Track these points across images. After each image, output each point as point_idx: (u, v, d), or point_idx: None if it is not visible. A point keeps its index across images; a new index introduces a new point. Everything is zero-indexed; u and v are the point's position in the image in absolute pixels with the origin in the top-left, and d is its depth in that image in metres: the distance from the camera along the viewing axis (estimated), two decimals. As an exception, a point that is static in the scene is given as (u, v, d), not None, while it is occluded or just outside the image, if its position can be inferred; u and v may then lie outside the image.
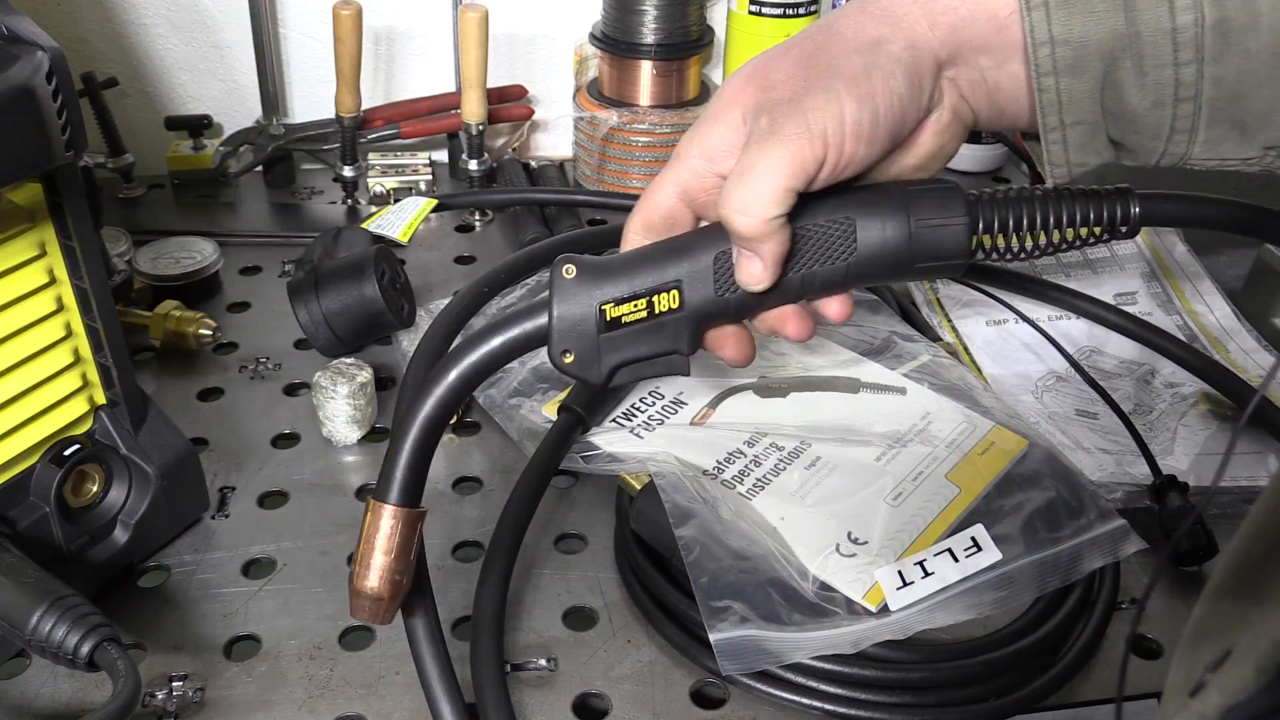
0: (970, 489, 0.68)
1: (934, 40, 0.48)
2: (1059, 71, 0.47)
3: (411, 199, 0.97)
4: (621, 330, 0.50)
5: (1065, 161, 0.49)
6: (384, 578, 0.50)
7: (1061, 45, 0.46)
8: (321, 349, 0.81)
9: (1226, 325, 0.89)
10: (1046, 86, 0.47)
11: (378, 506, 0.50)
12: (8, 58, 0.51)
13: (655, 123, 1.05)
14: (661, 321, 0.50)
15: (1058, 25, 0.46)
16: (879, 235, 0.49)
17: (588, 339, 0.50)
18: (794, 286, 0.50)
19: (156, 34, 1.08)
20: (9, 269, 0.56)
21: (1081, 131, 0.48)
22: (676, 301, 0.50)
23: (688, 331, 0.50)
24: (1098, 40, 0.46)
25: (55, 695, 0.58)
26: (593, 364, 0.50)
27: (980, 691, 0.58)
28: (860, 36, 0.48)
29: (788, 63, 0.49)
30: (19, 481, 0.59)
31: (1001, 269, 0.91)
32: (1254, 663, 0.30)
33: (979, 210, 0.50)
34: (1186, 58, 0.46)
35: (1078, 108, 0.48)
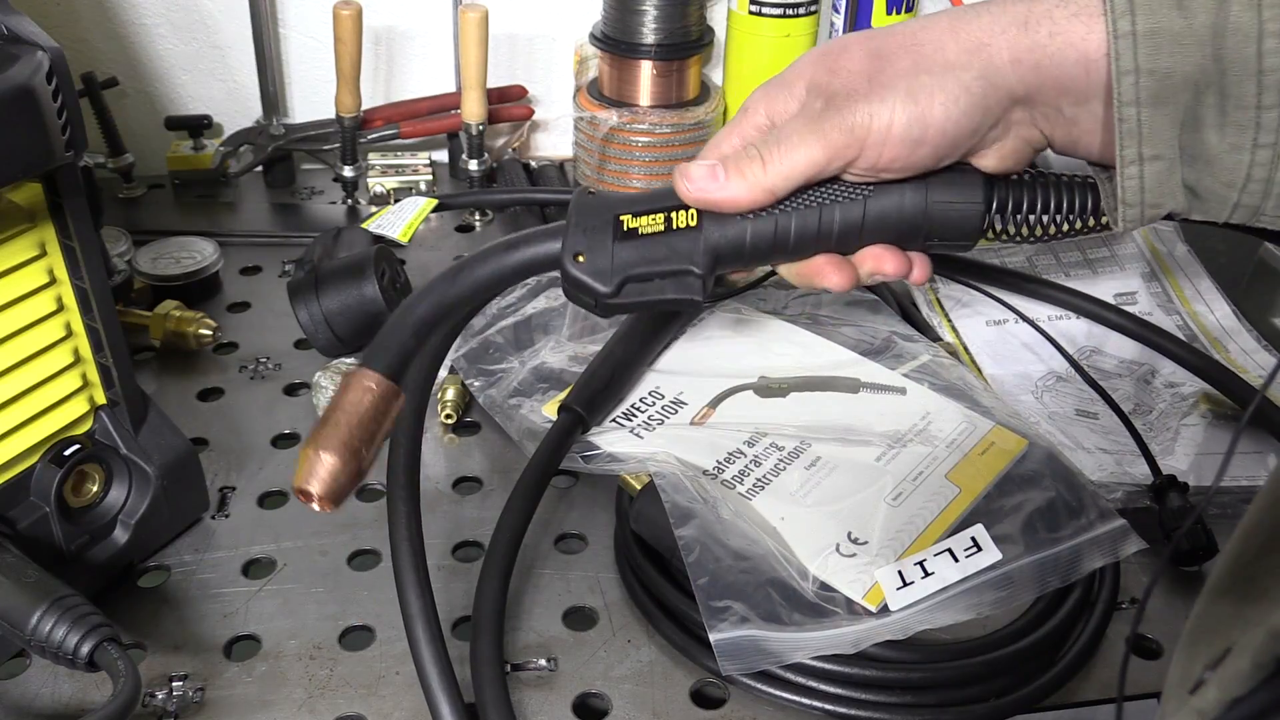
0: (970, 489, 0.68)
1: (1012, 76, 0.48)
2: (1141, 102, 0.46)
3: (411, 199, 0.97)
4: (636, 241, 0.49)
5: (1140, 201, 0.48)
6: (343, 444, 0.45)
7: (1146, 75, 0.45)
8: (321, 349, 0.81)
9: (1226, 325, 0.89)
10: (1128, 116, 0.46)
11: (356, 371, 0.46)
12: (8, 58, 0.51)
13: (655, 123, 1.05)
14: (678, 236, 0.49)
15: (1144, 55, 0.45)
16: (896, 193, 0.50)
17: (601, 244, 0.49)
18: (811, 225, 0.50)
19: (156, 34, 1.08)
20: (9, 269, 0.56)
21: (1159, 168, 0.47)
22: (695, 220, 0.49)
23: (703, 251, 0.49)
24: (1183, 74, 0.45)
25: (55, 695, 0.58)
26: (604, 270, 0.49)
27: (980, 691, 0.59)
28: (937, 56, 0.48)
29: (861, 54, 0.49)
30: (19, 481, 0.59)
31: (1002, 269, 0.91)
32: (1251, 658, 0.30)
33: (994, 191, 0.50)
34: (1270, 101, 0.45)
35: (1158, 140, 0.47)
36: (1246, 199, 0.47)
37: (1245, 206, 0.47)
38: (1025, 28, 0.47)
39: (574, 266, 0.49)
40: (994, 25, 0.48)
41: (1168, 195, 0.48)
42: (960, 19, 0.49)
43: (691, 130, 1.05)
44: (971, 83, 0.47)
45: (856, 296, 0.87)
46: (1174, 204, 0.48)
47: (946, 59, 0.48)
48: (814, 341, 0.81)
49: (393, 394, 0.47)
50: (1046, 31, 0.47)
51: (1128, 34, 0.45)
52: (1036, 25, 0.47)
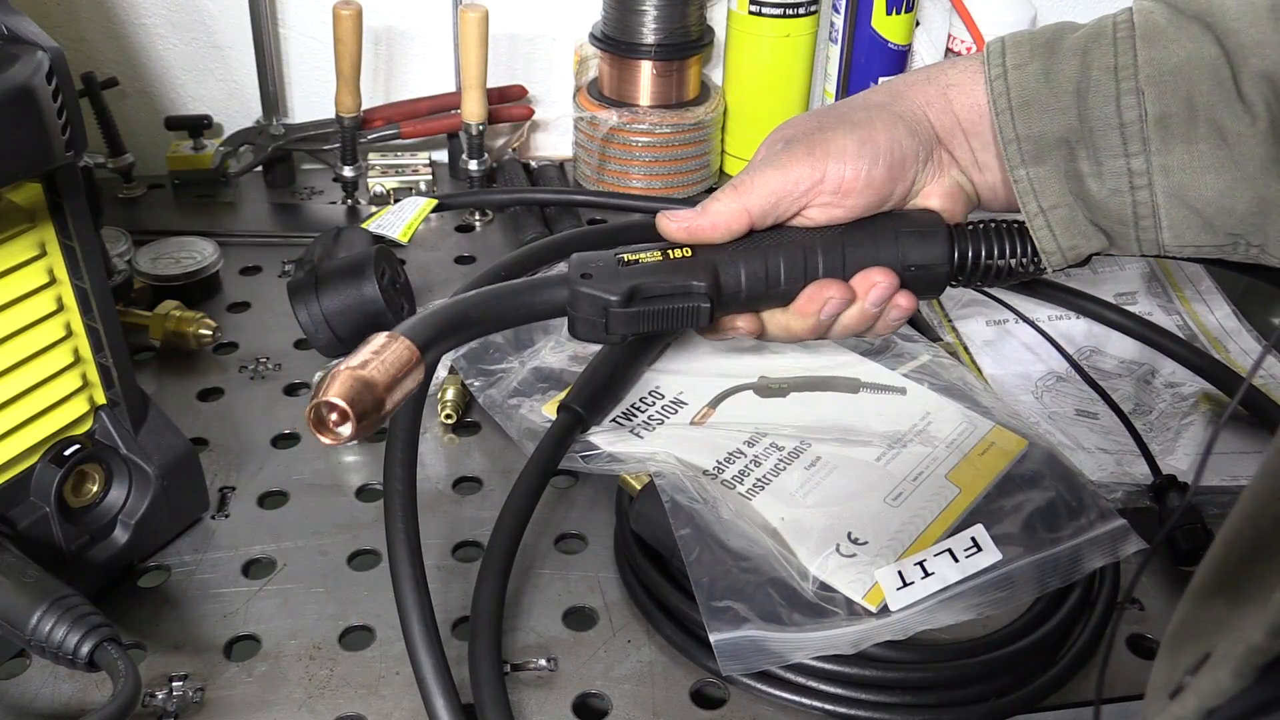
0: (970, 489, 0.68)
1: (932, 117, 0.57)
2: (1026, 162, 0.54)
3: (411, 199, 0.97)
4: (639, 266, 0.54)
5: (1057, 247, 0.55)
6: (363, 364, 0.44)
7: (1025, 140, 0.54)
8: (321, 349, 0.81)
9: (1226, 325, 0.89)
10: (1020, 178, 0.54)
11: (388, 333, 0.46)
12: (8, 58, 0.51)
13: (655, 123, 1.05)
14: (677, 263, 0.54)
15: (1020, 124, 0.54)
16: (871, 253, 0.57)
17: (607, 267, 0.53)
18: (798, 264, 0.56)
19: (156, 34, 1.08)
20: (9, 269, 0.56)
21: (1061, 214, 0.55)
22: (689, 252, 0.55)
23: (705, 272, 0.54)
24: (1054, 134, 0.53)
25: (55, 695, 0.58)
26: (612, 281, 0.52)
27: (980, 691, 0.59)
28: (869, 101, 0.58)
29: (807, 117, 0.58)
30: (19, 481, 0.59)
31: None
32: (1231, 667, 0.31)
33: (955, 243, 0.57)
34: (1135, 149, 0.52)
35: (1050, 192, 0.54)
36: (1144, 235, 0.54)
37: (1147, 241, 0.54)
38: (929, 82, 0.57)
39: (582, 284, 0.52)
40: (906, 81, 0.58)
41: (1080, 236, 0.55)
42: (881, 85, 0.60)
43: (691, 130, 1.05)
44: (904, 111, 0.56)
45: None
46: (1091, 245, 0.55)
47: (878, 103, 0.57)
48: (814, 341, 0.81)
49: (418, 358, 0.46)
50: (944, 84, 0.57)
51: (1005, 109, 0.54)
52: (937, 79, 0.57)
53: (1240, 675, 0.31)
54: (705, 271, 0.54)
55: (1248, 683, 0.30)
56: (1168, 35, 0.52)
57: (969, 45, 1.07)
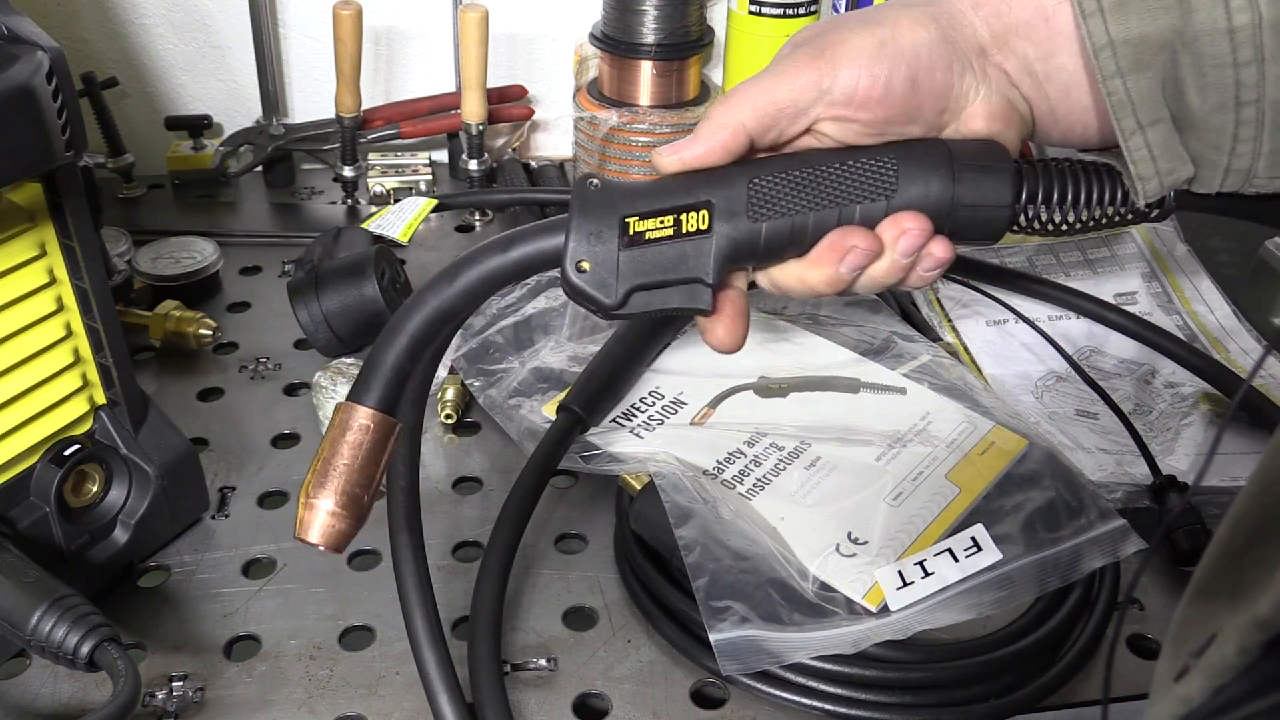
0: (970, 489, 0.68)
1: (977, 21, 0.48)
2: (1123, 71, 0.46)
3: (411, 199, 0.97)
4: (643, 248, 0.46)
5: (1154, 172, 0.47)
6: (342, 490, 0.43)
7: (1122, 45, 0.45)
8: (321, 349, 0.81)
9: (1226, 325, 0.89)
10: (1114, 89, 0.46)
11: (349, 407, 0.44)
12: (8, 58, 0.51)
13: (655, 123, 1.05)
14: (687, 243, 0.47)
15: (1115, 27, 0.45)
16: (922, 181, 0.47)
17: (606, 252, 0.46)
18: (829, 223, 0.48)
19: (156, 34, 1.08)
20: (9, 269, 0.56)
21: (1161, 131, 0.47)
22: (705, 222, 0.47)
23: (714, 260, 0.47)
24: (1157, 36, 0.45)
25: (55, 695, 0.58)
26: (608, 281, 0.46)
27: (980, 691, 0.58)
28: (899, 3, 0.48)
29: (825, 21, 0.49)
30: (19, 481, 0.59)
31: (1002, 268, 0.91)
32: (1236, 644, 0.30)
33: (1024, 181, 0.48)
34: (1246, 57, 0.45)
35: (1151, 105, 0.46)
36: (1236, 162, 0.47)
37: (1236, 171, 0.47)
38: None
39: (577, 276, 0.46)
40: None
41: (1178, 159, 0.47)
42: None
43: (691, 130, 1.05)
44: (938, 14, 0.47)
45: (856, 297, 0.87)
46: (1185, 169, 0.47)
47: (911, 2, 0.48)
48: (814, 341, 0.81)
49: (389, 427, 0.45)
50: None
51: (1095, 12, 0.45)
52: None
53: (1245, 650, 0.30)
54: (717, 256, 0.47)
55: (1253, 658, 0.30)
56: None
57: (969, 45, 1.07)
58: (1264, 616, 0.29)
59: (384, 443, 0.45)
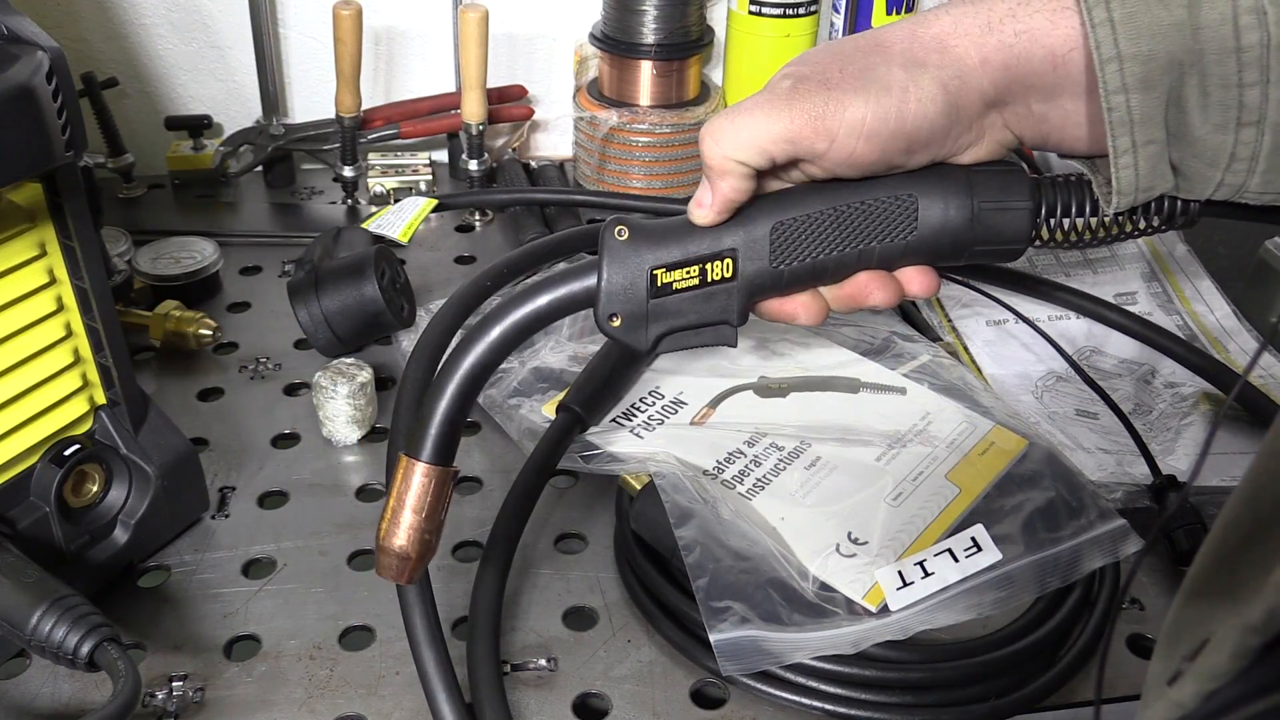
0: (970, 489, 0.68)
1: (984, 79, 0.48)
2: (1129, 88, 0.45)
3: (411, 199, 0.97)
4: (671, 297, 0.49)
5: (1134, 187, 0.48)
6: (413, 536, 0.49)
7: (1130, 60, 0.45)
8: (321, 349, 0.81)
9: (1226, 325, 0.89)
10: (1117, 105, 0.46)
11: (410, 463, 0.49)
12: (8, 58, 0.51)
13: (655, 123, 1.05)
14: (713, 290, 0.49)
15: (1125, 41, 0.45)
16: (940, 214, 0.49)
17: (636, 303, 0.49)
18: (850, 261, 0.50)
19: (156, 34, 1.08)
20: (9, 269, 0.56)
21: (1152, 152, 0.47)
22: (730, 271, 0.49)
23: (739, 302, 0.50)
24: (1166, 55, 0.45)
25: (55, 695, 0.58)
26: (639, 330, 0.49)
27: (980, 691, 0.59)
28: (907, 56, 0.48)
29: (829, 53, 0.48)
30: (19, 481, 0.59)
31: (1001, 268, 0.91)
32: (1229, 649, 0.30)
33: (1043, 194, 0.49)
34: (1251, 79, 0.45)
35: (1150, 125, 0.46)
36: (1230, 178, 0.47)
37: (1228, 185, 0.47)
38: (989, 30, 0.47)
39: (610, 327, 0.49)
40: (956, 28, 0.48)
41: (1159, 178, 0.48)
42: (920, 23, 0.49)
43: (691, 130, 1.05)
44: (948, 80, 0.47)
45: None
46: (1164, 185, 0.48)
47: (916, 57, 0.47)
48: (814, 341, 0.81)
49: (446, 476, 0.50)
50: (1012, 31, 0.47)
51: (1105, 22, 0.45)
52: (1000, 26, 0.47)
53: (1237, 655, 0.30)
54: (741, 299, 0.50)
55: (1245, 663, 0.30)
56: None
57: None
58: (1255, 622, 0.29)
59: (443, 490, 0.50)
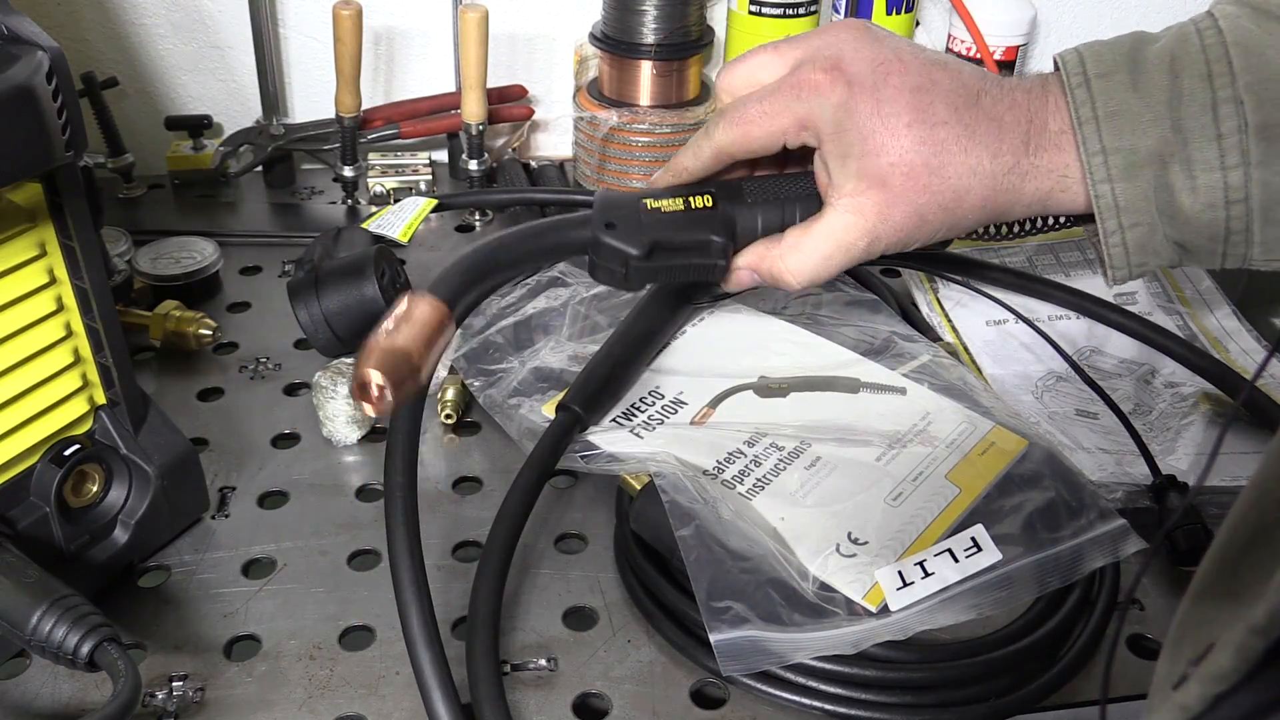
0: (970, 489, 0.68)
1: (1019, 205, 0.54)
2: (1113, 179, 0.49)
3: (411, 199, 0.97)
4: (660, 216, 0.56)
5: (1126, 264, 0.52)
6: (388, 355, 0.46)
7: (1114, 154, 0.49)
8: (321, 349, 0.81)
9: (1226, 325, 0.89)
10: (1102, 193, 0.50)
11: (415, 293, 0.49)
12: (8, 58, 0.51)
13: (655, 123, 1.05)
14: (697, 215, 0.57)
15: (1109, 136, 0.49)
16: None
17: (630, 218, 0.56)
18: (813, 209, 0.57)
19: (156, 34, 1.08)
20: (9, 269, 0.56)
21: (1140, 233, 0.51)
22: (710, 202, 0.57)
23: (723, 226, 0.56)
24: (1147, 147, 0.49)
25: (55, 695, 0.58)
26: (634, 237, 0.55)
27: (980, 691, 0.59)
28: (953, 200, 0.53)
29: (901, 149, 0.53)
30: (19, 481, 0.59)
31: (1002, 268, 0.91)
32: (1234, 652, 0.30)
33: None
34: (1233, 161, 0.48)
35: (1134, 211, 0.50)
36: (1232, 250, 0.51)
37: (1233, 256, 0.51)
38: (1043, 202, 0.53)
39: (606, 234, 0.54)
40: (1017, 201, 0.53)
41: (1151, 254, 0.52)
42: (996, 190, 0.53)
43: (691, 130, 1.05)
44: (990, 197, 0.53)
45: (856, 296, 0.87)
46: (1160, 260, 0.52)
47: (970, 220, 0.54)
48: (814, 341, 0.81)
49: (446, 317, 0.50)
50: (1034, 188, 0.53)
51: (1091, 119, 0.49)
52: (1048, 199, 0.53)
53: (1241, 658, 0.30)
54: (723, 225, 0.56)
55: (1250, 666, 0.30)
56: (1261, 40, 0.48)
57: (969, 46, 1.07)
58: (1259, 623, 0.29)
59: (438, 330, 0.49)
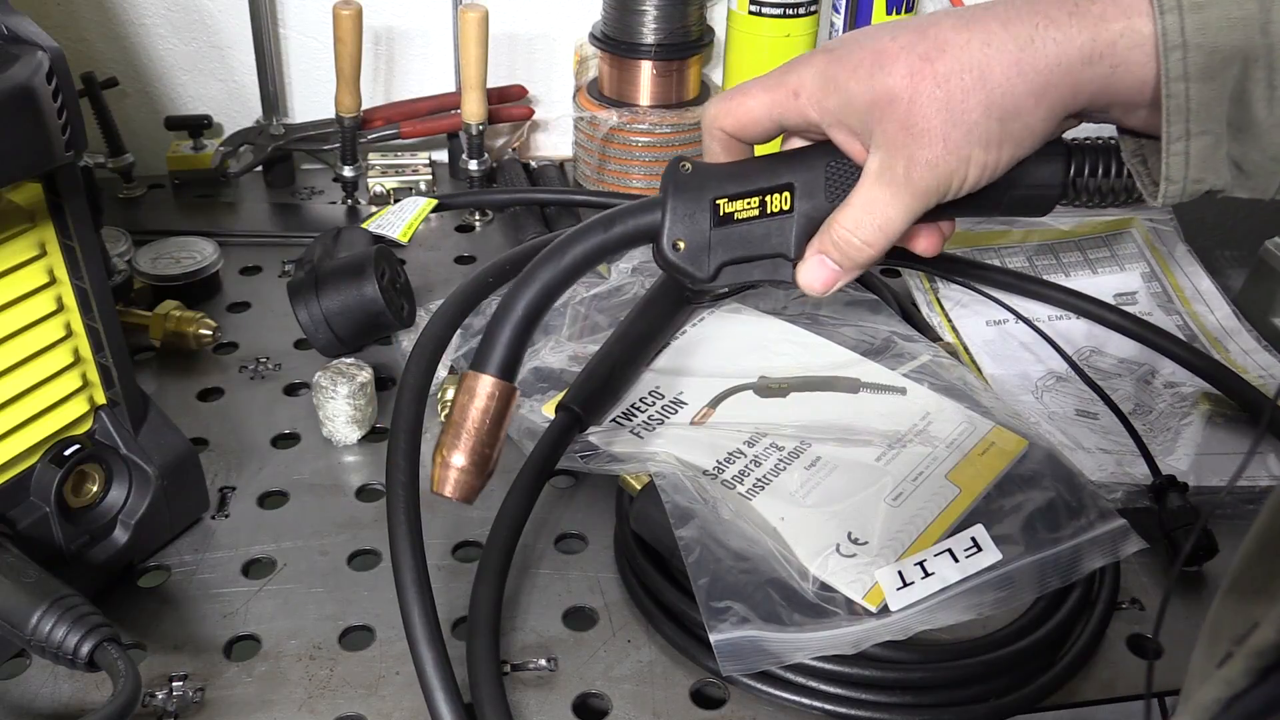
0: (970, 489, 0.68)
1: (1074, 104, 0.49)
2: (1190, 77, 0.46)
3: (411, 199, 0.97)
4: (732, 227, 0.52)
5: (1184, 177, 0.48)
6: (473, 449, 0.50)
7: (1195, 50, 0.45)
8: (321, 349, 0.81)
9: (1226, 325, 0.89)
10: (1176, 92, 0.46)
11: (475, 376, 0.50)
12: (8, 58, 0.51)
13: (655, 123, 1.05)
14: (771, 221, 0.52)
15: (1191, 30, 0.45)
16: None
17: (699, 232, 0.52)
18: None
19: (156, 34, 1.08)
20: (9, 269, 0.56)
21: (1205, 143, 0.47)
22: (788, 203, 0.52)
23: (795, 236, 0.52)
24: (1231, 47, 0.45)
25: (55, 695, 0.58)
26: (701, 257, 0.52)
27: (980, 691, 0.59)
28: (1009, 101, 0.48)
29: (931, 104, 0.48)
30: (19, 481, 0.59)
31: (1002, 269, 0.91)
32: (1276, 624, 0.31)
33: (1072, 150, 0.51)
34: None
35: (1205, 116, 0.46)
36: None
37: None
38: (1089, 63, 0.47)
39: (673, 254, 0.52)
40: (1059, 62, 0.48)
41: (1210, 171, 0.48)
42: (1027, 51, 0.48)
43: (691, 130, 1.05)
44: (1039, 125, 0.48)
45: (856, 296, 0.87)
46: (1217, 180, 0.48)
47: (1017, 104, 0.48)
48: (814, 341, 0.81)
49: (510, 393, 0.51)
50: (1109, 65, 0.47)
51: (1174, 8, 0.45)
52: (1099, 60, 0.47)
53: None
54: (799, 234, 0.52)
55: None
56: None
57: (969, 45, 1.07)
58: None
59: (506, 407, 0.51)
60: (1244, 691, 0.32)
